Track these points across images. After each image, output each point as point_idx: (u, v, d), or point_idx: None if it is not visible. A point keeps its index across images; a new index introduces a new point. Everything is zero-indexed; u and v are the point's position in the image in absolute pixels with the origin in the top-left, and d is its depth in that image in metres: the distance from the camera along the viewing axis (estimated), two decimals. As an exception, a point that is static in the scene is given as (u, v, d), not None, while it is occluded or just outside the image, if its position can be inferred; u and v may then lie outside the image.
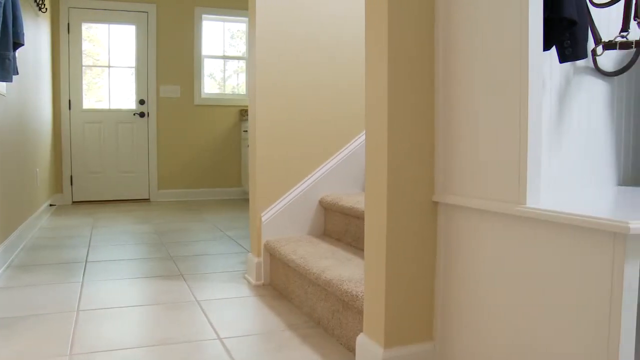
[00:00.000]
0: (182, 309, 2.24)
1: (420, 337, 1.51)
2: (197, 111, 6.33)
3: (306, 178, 2.68)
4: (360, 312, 1.71)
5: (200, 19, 6.27)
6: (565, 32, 1.50)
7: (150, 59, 6.12)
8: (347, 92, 2.77)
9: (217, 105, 6.39)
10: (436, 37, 1.47)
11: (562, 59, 1.53)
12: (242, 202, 6.13)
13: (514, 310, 1.23)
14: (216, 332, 1.98)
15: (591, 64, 1.69)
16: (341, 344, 1.86)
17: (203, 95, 6.35)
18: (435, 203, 1.48)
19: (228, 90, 6.59)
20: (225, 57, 6.51)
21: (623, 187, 1.72)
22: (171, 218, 4.89)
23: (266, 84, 2.57)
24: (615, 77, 1.75)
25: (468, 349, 1.39)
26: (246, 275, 2.75)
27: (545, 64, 1.62)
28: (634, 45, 1.58)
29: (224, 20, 6.46)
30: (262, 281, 2.61)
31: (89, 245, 3.59)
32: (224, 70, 6.58)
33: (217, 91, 6.53)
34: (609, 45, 1.60)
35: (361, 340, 1.58)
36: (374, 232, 1.50)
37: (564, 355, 1.11)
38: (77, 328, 2.01)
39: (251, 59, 2.61)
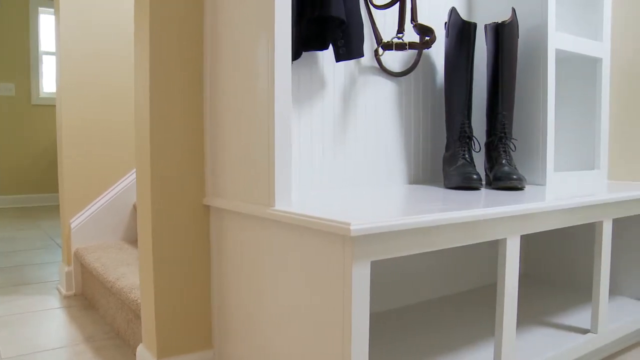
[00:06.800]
0: (-29, 328, 2.04)
1: (198, 346, 1.45)
2: (35, 111, 5.89)
3: (119, 182, 2.54)
4: (147, 321, 1.64)
5: (37, 13, 5.86)
6: (338, 31, 1.51)
7: (-21, 54, 5.63)
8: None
9: (57, 105, 6.00)
10: (205, 37, 1.42)
11: (337, 58, 1.53)
12: (87, 206, 5.79)
13: (277, 315, 1.21)
14: None
15: (377, 64, 1.72)
16: (135, 354, 1.77)
17: (42, 95, 5.93)
18: (207, 206, 1.44)
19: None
20: (66, 54, 6.13)
21: (413, 186, 1.77)
22: (0, 226, 4.52)
23: (72, 80, 2.41)
24: (402, 77, 1.79)
25: (244, 356, 1.35)
26: (58, 286, 2.57)
27: (330, 64, 1.62)
28: (407, 47, 1.62)
29: (65, 15, 6.08)
30: (73, 291, 2.45)
31: None
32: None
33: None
34: (387, 46, 1.64)
35: (140, 351, 1.50)
36: (143, 238, 1.42)
37: None
38: None
39: (57, 51, 2.45)
